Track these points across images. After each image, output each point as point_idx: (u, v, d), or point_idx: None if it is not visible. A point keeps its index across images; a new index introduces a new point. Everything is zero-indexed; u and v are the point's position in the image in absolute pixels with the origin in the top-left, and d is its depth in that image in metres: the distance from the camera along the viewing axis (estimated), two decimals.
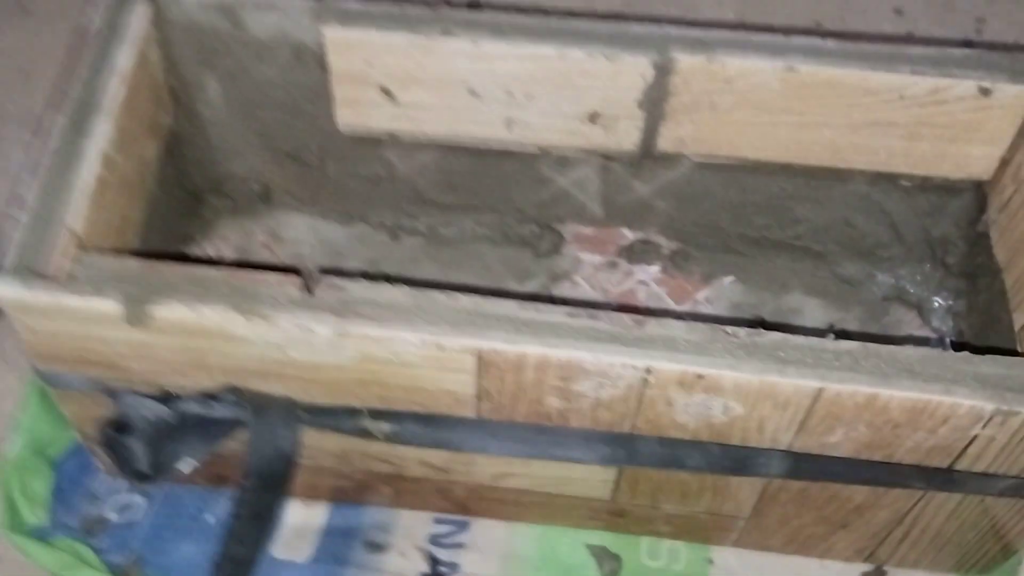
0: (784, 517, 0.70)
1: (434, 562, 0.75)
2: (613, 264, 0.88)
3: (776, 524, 0.71)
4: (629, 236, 0.88)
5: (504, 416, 0.63)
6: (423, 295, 0.59)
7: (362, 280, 0.60)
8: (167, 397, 0.64)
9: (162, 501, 0.76)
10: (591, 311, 0.59)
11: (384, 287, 0.59)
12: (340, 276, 0.60)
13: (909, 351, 0.59)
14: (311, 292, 0.59)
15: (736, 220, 0.84)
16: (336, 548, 0.74)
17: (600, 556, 0.75)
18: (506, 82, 0.74)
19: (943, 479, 0.63)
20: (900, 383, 0.57)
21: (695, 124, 0.75)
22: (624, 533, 0.75)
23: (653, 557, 0.75)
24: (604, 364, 0.58)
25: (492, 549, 0.75)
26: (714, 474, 0.65)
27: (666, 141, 0.77)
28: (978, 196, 0.77)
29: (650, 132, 0.76)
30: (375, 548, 0.75)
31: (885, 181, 0.78)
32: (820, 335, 0.60)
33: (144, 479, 0.64)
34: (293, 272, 0.60)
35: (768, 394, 0.58)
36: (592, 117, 0.75)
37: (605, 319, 0.59)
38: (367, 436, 0.64)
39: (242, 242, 0.87)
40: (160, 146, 0.76)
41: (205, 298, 0.58)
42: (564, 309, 0.59)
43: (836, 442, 0.61)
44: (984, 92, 0.70)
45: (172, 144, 0.78)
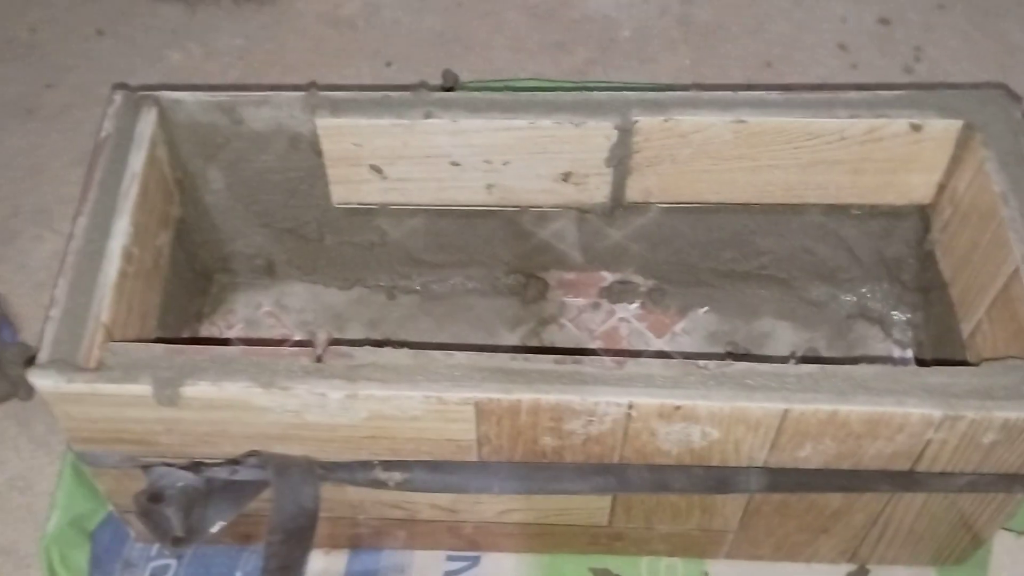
0: (769, 527, 0.76)
1: None
2: (596, 305, 0.94)
3: (763, 534, 0.77)
4: (608, 278, 0.94)
5: (504, 457, 0.69)
6: (423, 355, 0.66)
7: (367, 346, 0.66)
8: (196, 466, 0.70)
9: (193, 562, 0.81)
10: (576, 357, 0.66)
11: (387, 351, 0.66)
12: (347, 343, 0.66)
13: (864, 369, 0.65)
14: (321, 360, 0.65)
15: (705, 256, 0.91)
16: None
17: None
18: (484, 152, 0.81)
19: (907, 481, 0.69)
20: (857, 399, 0.64)
21: (659, 176, 0.82)
22: (624, 555, 0.81)
23: (653, 575, 0.81)
24: (590, 404, 0.64)
25: None
26: (700, 494, 0.71)
27: (634, 192, 0.84)
28: (922, 218, 0.85)
29: (619, 186, 0.83)
30: None
31: (837, 211, 0.85)
32: (784, 361, 0.66)
33: (179, 543, 0.69)
34: (305, 344, 0.66)
35: (740, 418, 0.64)
36: (565, 176, 0.82)
37: (589, 363, 0.65)
38: (380, 486, 0.70)
39: (250, 313, 0.94)
40: (171, 234, 0.82)
41: (228, 375, 0.64)
42: (551, 357, 0.66)
43: (807, 456, 0.67)
44: (915, 128, 0.78)
45: (181, 231, 0.84)
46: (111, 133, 0.76)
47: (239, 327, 0.93)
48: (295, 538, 0.68)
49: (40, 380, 0.65)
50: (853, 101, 0.78)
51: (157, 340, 0.74)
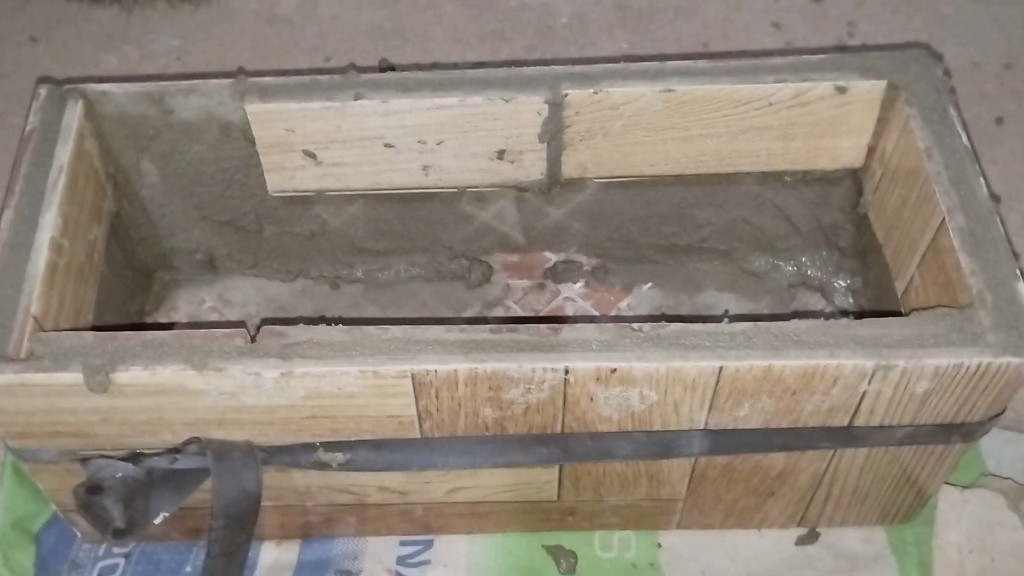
0: (717, 493, 0.77)
1: None
2: (541, 286, 0.94)
3: (711, 501, 0.78)
4: (552, 258, 0.95)
5: (446, 432, 0.69)
6: (357, 330, 0.65)
7: (301, 324, 0.66)
8: (135, 456, 0.69)
9: (142, 560, 0.80)
10: (511, 325, 0.66)
11: (321, 328, 0.66)
12: (280, 323, 0.66)
13: (795, 324, 0.66)
14: (254, 340, 0.65)
15: (646, 231, 0.92)
16: None
17: (557, 554, 0.81)
18: (418, 132, 0.81)
19: (846, 436, 0.70)
20: (789, 353, 0.64)
21: (592, 150, 0.82)
22: (576, 530, 0.81)
23: (606, 548, 0.81)
24: (527, 371, 0.64)
25: (456, 562, 0.80)
26: (644, 460, 0.71)
27: (569, 168, 0.84)
28: (855, 182, 0.86)
29: (554, 162, 0.83)
30: None
31: (772, 179, 0.86)
32: (718, 322, 0.67)
33: (121, 535, 0.68)
34: (238, 326, 0.66)
35: (676, 378, 0.65)
36: (500, 154, 0.83)
37: (524, 331, 0.65)
38: (324, 467, 0.70)
39: (193, 309, 0.93)
40: (105, 229, 0.81)
41: (160, 359, 0.64)
42: (486, 327, 0.66)
43: (746, 415, 0.68)
44: (840, 90, 0.79)
45: (116, 226, 0.84)
46: (36, 127, 0.76)
47: (182, 324, 0.92)
48: (238, 523, 0.68)
49: None
50: (779, 67, 0.79)
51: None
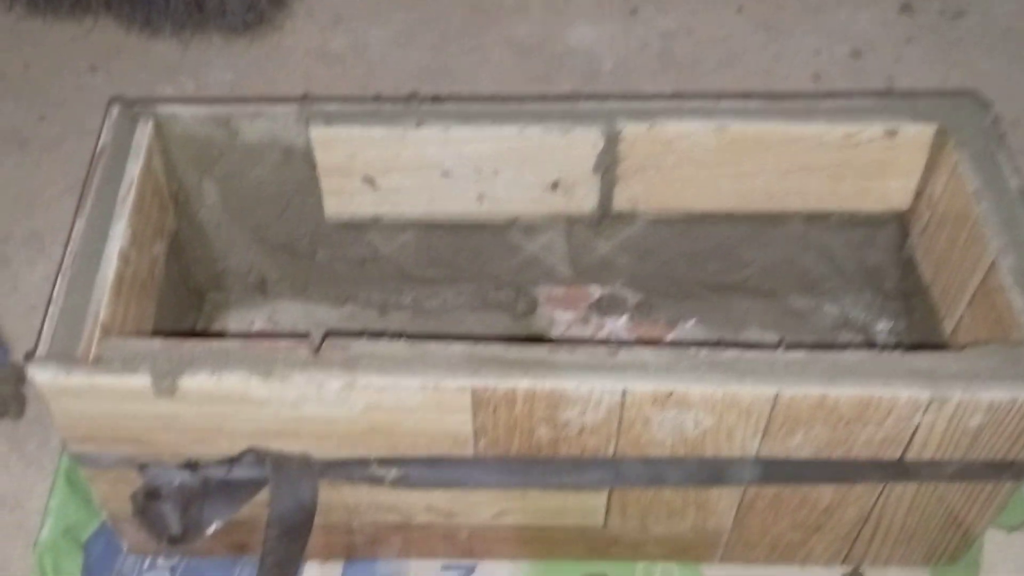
0: (763, 526, 0.77)
1: None
2: (585, 319, 0.96)
3: (757, 535, 0.78)
4: (597, 292, 0.96)
5: (500, 451, 0.69)
6: (419, 346, 0.67)
7: (364, 338, 0.67)
8: (192, 465, 0.70)
9: (186, 573, 0.81)
10: (570, 346, 0.67)
11: (384, 342, 0.67)
12: (344, 335, 0.67)
13: (850, 355, 0.67)
14: (319, 352, 0.66)
15: (692, 268, 0.93)
16: None
17: None
18: (475, 161, 0.83)
19: (897, 470, 0.70)
20: (844, 382, 0.65)
21: (644, 183, 0.84)
22: (619, 560, 0.81)
23: None
24: (585, 391, 0.65)
25: None
26: (695, 487, 0.72)
27: (621, 201, 0.86)
28: (901, 225, 0.87)
29: (606, 194, 0.85)
30: None
31: (818, 220, 0.88)
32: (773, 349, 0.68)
33: (175, 542, 0.69)
34: (302, 337, 0.67)
35: (732, 403, 0.65)
36: (553, 185, 0.85)
37: (582, 352, 0.67)
38: (377, 482, 0.70)
39: (243, 331, 0.94)
40: (165, 246, 0.83)
41: (226, 366, 0.65)
42: (546, 346, 0.67)
43: (798, 444, 0.68)
44: (890, 133, 0.81)
45: (175, 246, 0.86)
46: (108, 143, 0.78)
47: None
48: (292, 534, 0.68)
49: (39, 373, 0.65)
50: (830, 108, 0.81)
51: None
